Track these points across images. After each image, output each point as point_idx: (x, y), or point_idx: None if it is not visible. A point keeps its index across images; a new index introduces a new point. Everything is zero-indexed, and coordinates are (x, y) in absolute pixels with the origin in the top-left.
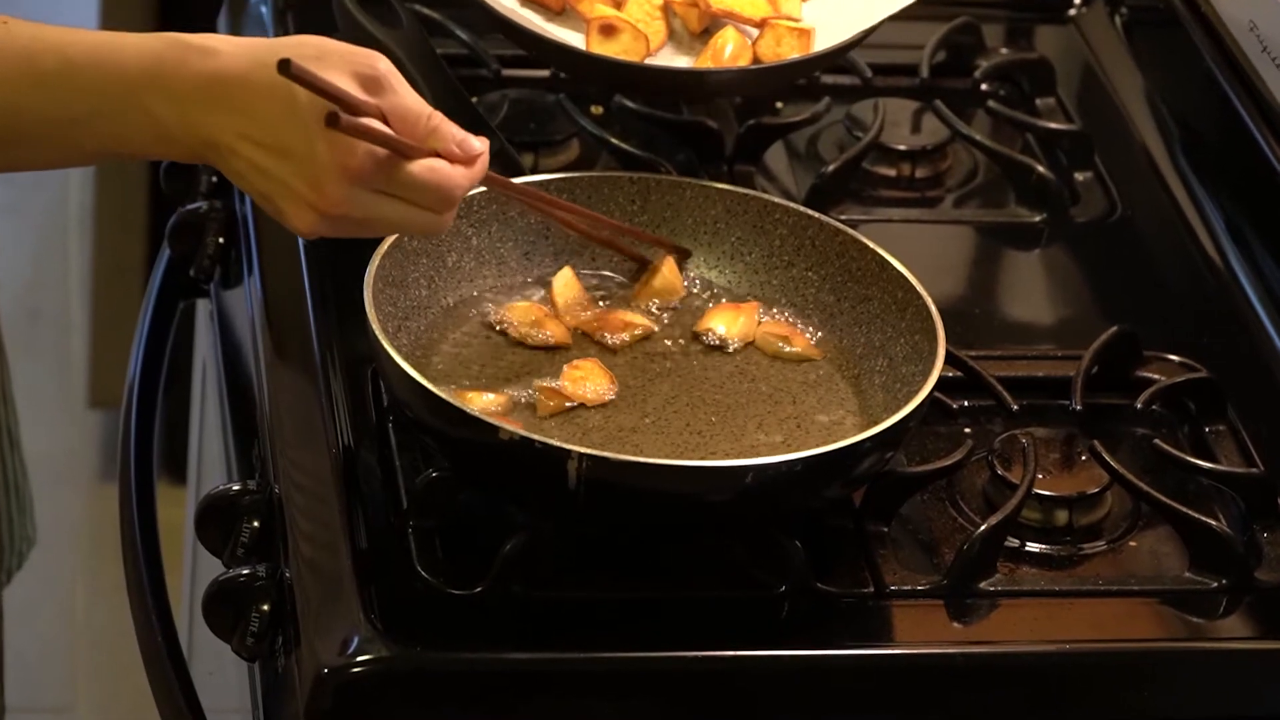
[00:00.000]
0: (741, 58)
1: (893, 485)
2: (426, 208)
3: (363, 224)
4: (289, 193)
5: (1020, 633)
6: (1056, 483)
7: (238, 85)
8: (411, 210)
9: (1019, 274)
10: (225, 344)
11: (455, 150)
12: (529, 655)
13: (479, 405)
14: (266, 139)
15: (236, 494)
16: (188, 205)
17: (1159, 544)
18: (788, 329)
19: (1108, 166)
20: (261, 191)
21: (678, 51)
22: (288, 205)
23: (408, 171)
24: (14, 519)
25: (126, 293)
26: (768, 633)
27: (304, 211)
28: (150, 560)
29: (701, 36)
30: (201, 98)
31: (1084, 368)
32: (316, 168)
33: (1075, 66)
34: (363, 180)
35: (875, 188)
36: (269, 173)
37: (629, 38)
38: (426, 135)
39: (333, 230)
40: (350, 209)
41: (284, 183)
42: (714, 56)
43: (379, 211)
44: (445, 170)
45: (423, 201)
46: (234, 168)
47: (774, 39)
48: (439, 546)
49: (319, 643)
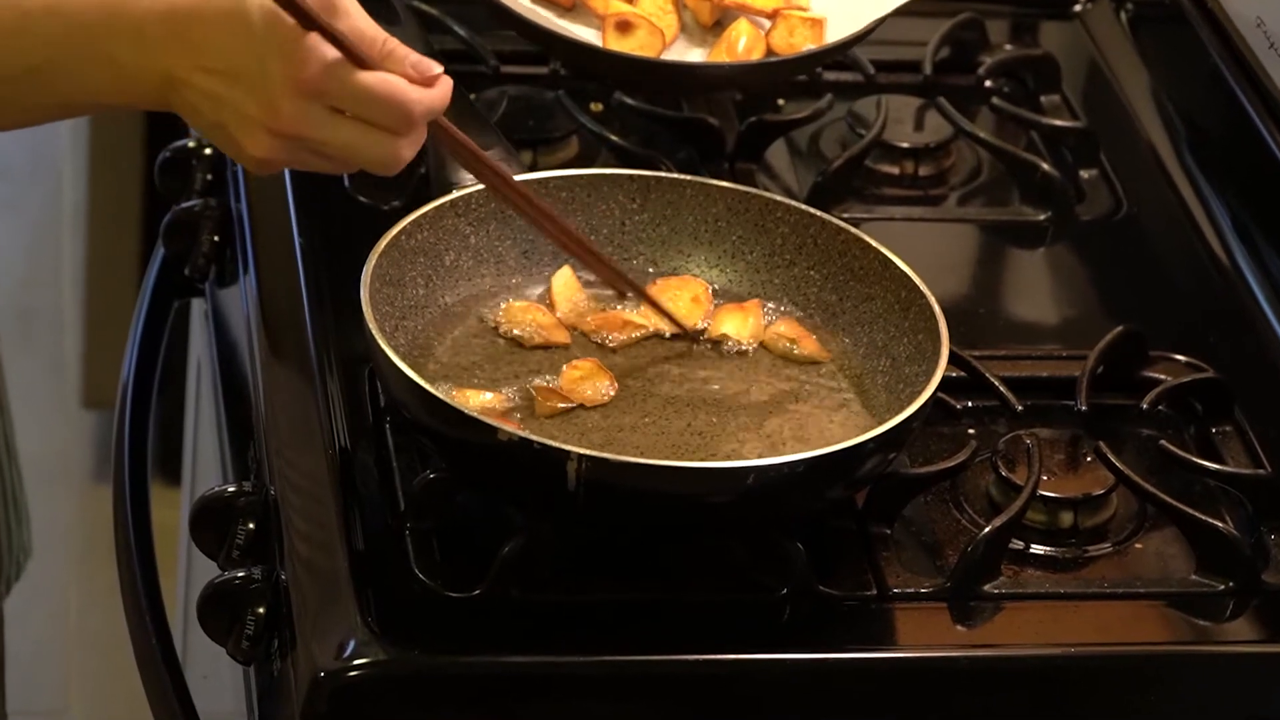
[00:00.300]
0: (756, 49)
1: (896, 486)
2: (384, 127)
3: (318, 146)
4: (242, 118)
5: (1025, 636)
6: (1061, 484)
7: (193, 17)
8: (369, 132)
9: (1023, 273)
10: (220, 343)
11: (411, 72)
12: (528, 659)
13: (477, 406)
14: (219, 65)
15: (232, 495)
16: (182, 203)
17: (1165, 546)
18: (797, 331)
19: (1113, 164)
20: (215, 121)
21: (690, 45)
22: (241, 132)
23: (362, 83)
24: (12, 530)
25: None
26: (769, 636)
27: (258, 135)
28: (144, 562)
29: (714, 29)
30: (158, 34)
31: (1089, 368)
32: (270, 86)
33: (1080, 63)
34: (317, 93)
35: (878, 186)
36: (222, 99)
37: (645, 33)
38: (383, 59)
39: (288, 156)
40: (304, 127)
41: (237, 108)
42: (728, 49)
43: (334, 132)
44: (401, 85)
45: (379, 119)
46: (188, 100)
47: (787, 30)
48: (437, 549)
49: (315, 646)
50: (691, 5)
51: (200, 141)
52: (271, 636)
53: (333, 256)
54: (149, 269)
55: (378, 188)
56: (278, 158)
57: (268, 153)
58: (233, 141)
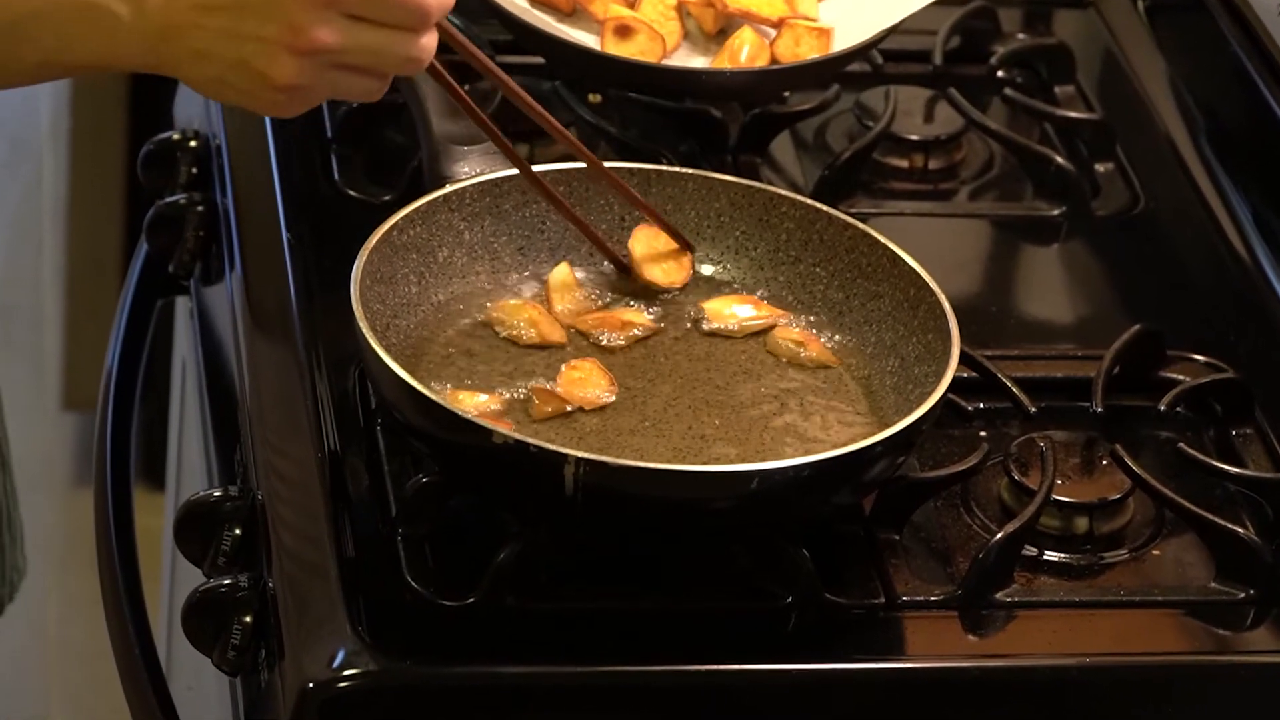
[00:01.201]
0: (759, 58)
1: (904, 491)
2: (402, 26)
3: (343, 57)
4: (261, 46)
5: (1038, 645)
6: (1076, 488)
7: None
8: (389, 32)
9: (1037, 270)
10: (205, 343)
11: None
12: (523, 669)
13: (471, 407)
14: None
15: (217, 500)
16: (166, 197)
17: (1184, 552)
18: (804, 335)
19: (1130, 157)
20: (234, 59)
21: (693, 52)
22: (264, 60)
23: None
24: (5, 548)
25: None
26: (773, 646)
27: (282, 59)
28: (127, 569)
29: (717, 37)
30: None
31: (1105, 368)
32: (283, 4)
33: (1096, 52)
34: (331, 1)
35: (886, 179)
36: (235, 32)
37: (645, 38)
38: None
39: (315, 77)
40: (326, 37)
41: (254, 36)
42: (731, 57)
43: (357, 37)
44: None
45: (396, 18)
46: (193, 48)
47: (792, 39)
48: (429, 555)
49: (304, 656)
50: (695, 12)
51: (185, 133)
52: (258, 646)
53: (322, 252)
54: (132, 266)
55: (368, 181)
56: (306, 81)
57: (296, 76)
58: (257, 75)
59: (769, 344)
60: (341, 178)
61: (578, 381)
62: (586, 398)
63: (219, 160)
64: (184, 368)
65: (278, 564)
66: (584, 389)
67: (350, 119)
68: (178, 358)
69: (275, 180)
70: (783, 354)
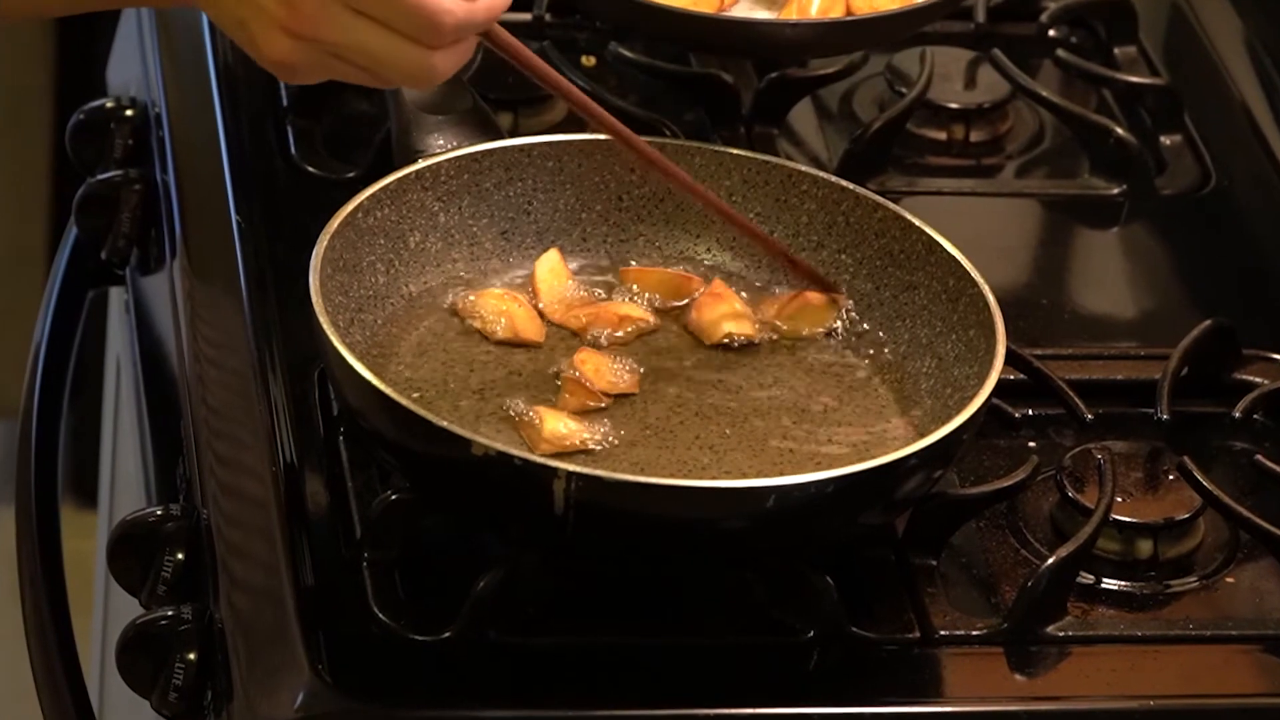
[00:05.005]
0: (833, 9)
1: (942, 510)
2: (409, 36)
3: (339, 50)
4: (259, 14)
5: (1096, 686)
6: (1139, 507)
7: None
8: (395, 40)
9: (1094, 257)
10: (143, 340)
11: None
12: (505, 713)
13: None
14: None
15: (157, 520)
16: (99, 174)
17: (1261, 580)
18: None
19: (1200, 128)
20: (235, 18)
21: (756, 4)
22: (257, 28)
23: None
24: None
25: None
26: (793, 686)
27: (275, 35)
28: (54, 599)
29: None
30: None
31: (1172, 369)
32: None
33: (1161, 9)
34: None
35: (922, 154)
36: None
37: None
38: None
39: (310, 60)
40: (322, 28)
41: (256, 3)
42: (799, 9)
43: (357, 36)
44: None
45: (403, 26)
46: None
47: None
48: (399, 583)
49: (257, 698)
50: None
51: (120, 101)
52: (204, 687)
53: (276, 237)
54: (59, 252)
55: (329, 156)
56: (297, 61)
57: (286, 55)
58: (252, 42)
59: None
60: (299, 152)
61: (597, 372)
62: (614, 383)
63: (159, 132)
64: (119, 368)
65: (226, 593)
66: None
67: (308, 85)
68: (111, 356)
69: (223, 155)
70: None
